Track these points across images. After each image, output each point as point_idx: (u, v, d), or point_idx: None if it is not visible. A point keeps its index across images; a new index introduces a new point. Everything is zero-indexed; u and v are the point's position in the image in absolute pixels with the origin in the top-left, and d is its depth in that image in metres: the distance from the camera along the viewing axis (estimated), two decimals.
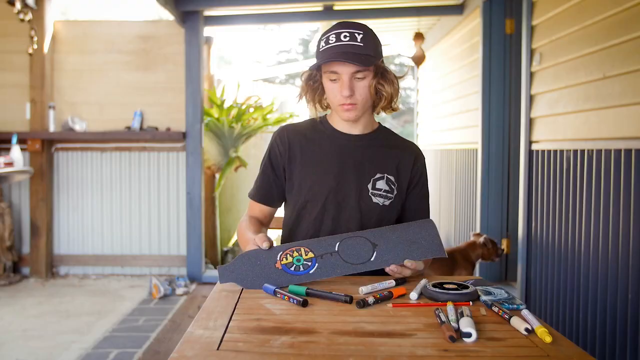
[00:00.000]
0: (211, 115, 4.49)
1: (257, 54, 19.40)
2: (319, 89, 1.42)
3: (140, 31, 4.21)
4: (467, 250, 3.13)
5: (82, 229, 4.23)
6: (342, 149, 1.42)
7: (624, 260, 2.06)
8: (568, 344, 0.86)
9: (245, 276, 1.17)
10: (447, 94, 4.76)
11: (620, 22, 2.13)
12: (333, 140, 1.44)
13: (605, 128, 2.23)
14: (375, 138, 1.45)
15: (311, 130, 1.46)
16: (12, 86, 4.11)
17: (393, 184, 1.41)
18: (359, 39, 1.30)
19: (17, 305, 3.40)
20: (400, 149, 1.45)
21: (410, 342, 0.86)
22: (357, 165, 1.40)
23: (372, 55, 1.31)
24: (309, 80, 1.42)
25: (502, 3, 3.69)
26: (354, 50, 1.29)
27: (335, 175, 1.39)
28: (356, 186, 1.39)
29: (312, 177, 1.40)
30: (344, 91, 1.31)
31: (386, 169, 1.41)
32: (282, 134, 1.46)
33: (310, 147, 1.43)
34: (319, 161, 1.41)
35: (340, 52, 1.29)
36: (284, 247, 1.20)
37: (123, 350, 2.65)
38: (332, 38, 1.31)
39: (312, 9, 4.28)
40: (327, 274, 1.18)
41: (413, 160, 1.45)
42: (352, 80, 1.32)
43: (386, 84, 1.36)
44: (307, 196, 1.40)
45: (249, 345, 0.85)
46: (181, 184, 4.18)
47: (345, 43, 1.29)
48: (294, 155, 1.43)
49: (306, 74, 1.42)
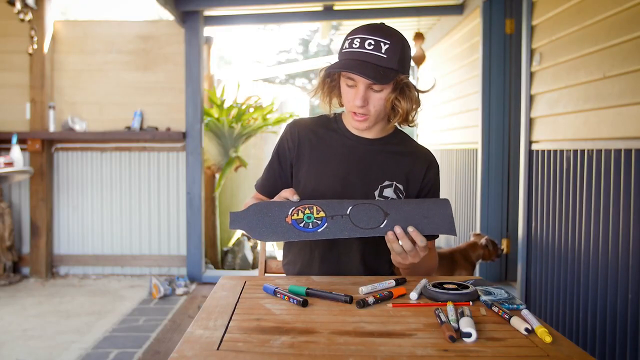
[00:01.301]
0: (211, 115, 4.49)
1: (257, 54, 19.41)
2: (335, 87, 1.36)
3: (140, 31, 4.21)
4: (467, 251, 3.13)
5: (82, 229, 4.23)
6: (352, 152, 1.37)
7: (624, 260, 2.06)
8: (568, 344, 0.86)
9: (255, 226, 1.15)
10: (447, 94, 4.76)
11: (620, 22, 2.13)
12: (344, 141, 1.38)
13: (605, 128, 2.23)
14: (388, 143, 1.39)
15: (323, 128, 1.41)
16: (12, 86, 4.12)
17: (401, 193, 1.35)
18: (383, 49, 1.22)
19: (17, 305, 3.40)
20: (413, 157, 1.39)
21: (410, 342, 0.86)
22: (366, 170, 1.35)
23: (393, 69, 1.23)
24: (327, 78, 1.36)
25: (502, 3, 3.69)
26: (374, 61, 1.22)
27: (341, 179, 1.35)
28: (362, 192, 1.34)
29: (317, 179, 1.36)
30: (357, 101, 1.25)
31: (396, 176, 1.36)
32: (293, 129, 1.41)
33: (319, 146, 1.39)
34: (327, 162, 1.37)
35: (359, 61, 1.22)
36: (297, 203, 1.18)
37: (123, 350, 2.65)
38: (357, 42, 1.24)
39: (312, 9, 4.28)
40: (335, 234, 1.14)
41: (425, 170, 1.38)
42: (367, 91, 1.26)
43: (403, 100, 1.28)
44: (311, 197, 1.36)
45: (249, 345, 0.85)
46: (181, 184, 4.18)
47: (368, 52, 1.22)
48: (302, 153, 1.39)
49: (324, 72, 1.35)
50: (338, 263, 1.39)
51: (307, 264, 1.42)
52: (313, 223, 1.15)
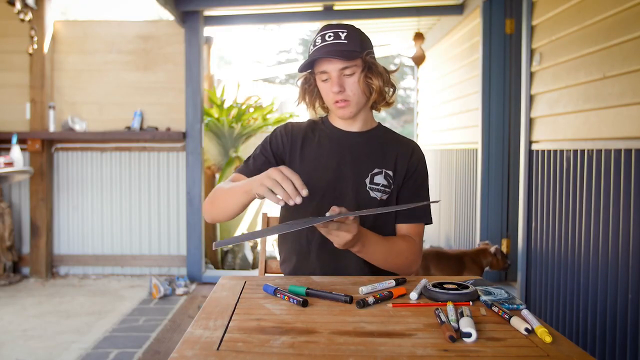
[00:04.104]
0: (211, 115, 4.49)
1: (257, 54, 19.40)
2: (315, 91, 1.45)
3: (140, 31, 4.21)
4: (478, 255, 3.12)
5: (82, 229, 4.23)
6: (340, 145, 1.44)
7: (624, 260, 2.06)
8: (568, 344, 0.86)
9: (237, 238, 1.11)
10: (447, 94, 4.76)
11: (620, 22, 2.13)
12: (332, 137, 1.46)
13: (605, 128, 2.23)
14: (374, 135, 1.47)
15: (311, 129, 1.49)
16: (12, 86, 4.12)
17: (391, 179, 1.42)
18: (342, 36, 1.34)
19: (17, 305, 3.40)
20: (398, 144, 1.47)
21: (410, 342, 0.86)
22: (355, 160, 1.42)
23: (356, 51, 1.34)
24: (305, 84, 1.46)
25: (502, 3, 3.69)
26: (337, 47, 1.33)
27: (333, 170, 1.41)
28: (354, 181, 1.40)
29: (310, 173, 1.40)
30: (334, 87, 1.34)
31: (384, 164, 1.43)
32: (287, 128, 1.49)
33: (309, 144, 1.46)
34: (317, 157, 1.43)
35: (324, 50, 1.33)
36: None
37: (123, 350, 2.65)
38: (318, 40, 1.36)
39: (312, 9, 4.28)
40: (293, 226, 1.08)
41: (410, 154, 1.45)
42: (341, 77, 1.35)
43: (374, 77, 1.37)
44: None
45: (249, 345, 0.85)
46: (181, 184, 4.18)
47: (330, 42, 1.34)
48: (294, 151, 1.45)
49: (301, 78, 1.46)
50: (334, 253, 1.38)
51: (304, 258, 1.43)
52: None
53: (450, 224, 4.64)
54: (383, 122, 1.56)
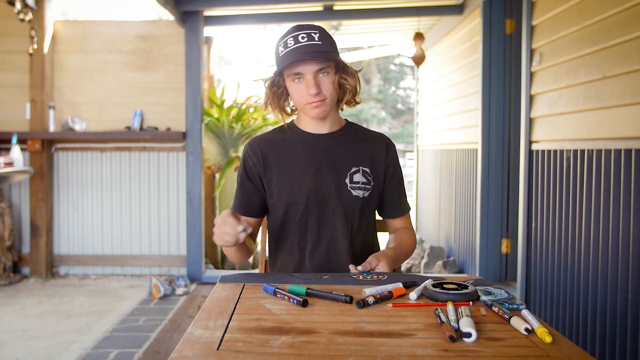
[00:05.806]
0: (211, 115, 4.49)
1: (257, 54, 19.40)
2: (283, 94, 1.44)
3: (140, 31, 4.21)
4: None
5: (82, 229, 4.23)
6: (315, 149, 1.44)
7: (624, 260, 2.06)
8: (568, 344, 0.86)
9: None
10: (447, 94, 4.76)
11: (620, 22, 2.13)
12: (304, 142, 1.46)
13: (605, 128, 2.23)
14: (345, 134, 1.48)
15: (281, 137, 1.48)
16: (12, 86, 4.11)
17: (369, 175, 1.44)
18: (316, 37, 1.34)
19: (17, 305, 3.40)
20: (371, 141, 1.49)
21: (410, 342, 0.86)
22: (332, 162, 1.43)
23: (331, 52, 1.35)
24: (273, 87, 1.44)
25: (502, 3, 3.69)
26: (315, 49, 1.32)
27: (312, 176, 1.41)
28: (335, 183, 1.41)
29: (290, 182, 1.42)
30: (311, 89, 1.34)
31: (360, 161, 1.45)
32: (253, 145, 1.47)
33: (283, 154, 1.45)
34: (295, 165, 1.43)
35: (302, 52, 1.32)
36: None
37: (123, 350, 2.65)
38: (291, 41, 1.34)
39: (312, 9, 4.27)
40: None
41: (385, 150, 1.49)
42: (316, 78, 1.35)
43: (349, 77, 1.40)
44: (289, 200, 1.42)
45: (249, 345, 0.85)
46: (181, 184, 4.18)
47: (305, 43, 1.33)
48: (268, 164, 1.44)
49: (269, 80, 1.44)
50: (328, 258, 1.44)
51: (298, 265, 1.46)
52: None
53: (450, 224, 4.64)
54: (384, 122, 1.57)
